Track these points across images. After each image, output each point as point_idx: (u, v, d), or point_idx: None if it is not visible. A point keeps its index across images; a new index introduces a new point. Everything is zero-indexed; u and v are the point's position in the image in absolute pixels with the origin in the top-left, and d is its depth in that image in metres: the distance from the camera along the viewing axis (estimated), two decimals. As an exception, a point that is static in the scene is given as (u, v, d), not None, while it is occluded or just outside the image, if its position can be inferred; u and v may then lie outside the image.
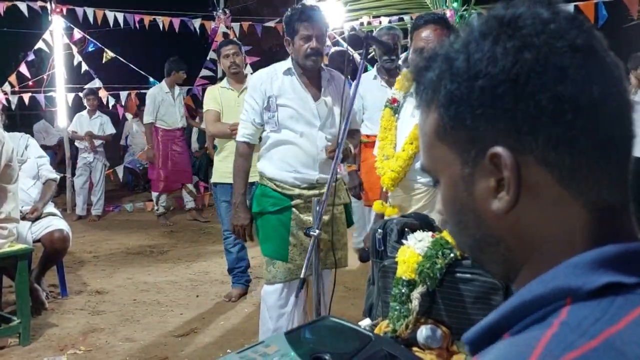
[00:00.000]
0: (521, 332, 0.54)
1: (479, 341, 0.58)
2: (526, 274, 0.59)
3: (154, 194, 6.78)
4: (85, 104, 7.28)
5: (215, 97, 4.28)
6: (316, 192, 2.78)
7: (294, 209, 2.80)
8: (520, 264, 0.60)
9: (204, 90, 5.43)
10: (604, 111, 0.56)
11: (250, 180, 3.07)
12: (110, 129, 7.47)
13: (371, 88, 4.22)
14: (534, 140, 0.55)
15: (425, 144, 0.65)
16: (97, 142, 7.25)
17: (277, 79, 2.84)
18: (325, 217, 2.71)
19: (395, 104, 2.62)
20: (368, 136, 4.09)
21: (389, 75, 4.21)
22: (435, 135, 0.62)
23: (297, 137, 2.80)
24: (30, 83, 7.72)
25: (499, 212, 0.58)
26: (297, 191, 2.81)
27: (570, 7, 4.57)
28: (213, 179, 4.44)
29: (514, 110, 0.56)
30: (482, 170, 0.59)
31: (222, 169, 4.27)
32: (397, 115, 2.61)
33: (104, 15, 7.24)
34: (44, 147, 6.09)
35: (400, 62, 4.22)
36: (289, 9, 2.89)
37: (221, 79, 4.93)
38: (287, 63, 2.87)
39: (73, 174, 7.47)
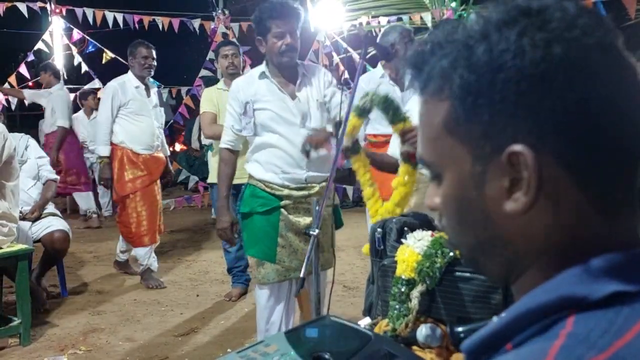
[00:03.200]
0: (525, 343, 0.52)
1: (479, 351, 0.55)
2: (530, 279, 0.57)
3: None
4: (81, 104, 7.27)
5: (212, 98, 4.28)
6: (305, 193, 2.78)
7: (282, 210, 2.79)
8: (524, 267, 0.57)
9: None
10: (627, 114, 0.53)
11: (239, 182, 3.12)
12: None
13: (378, 86, 4.21)
14: (557, 140, 0.52)
15: (428, 136, 0.61)
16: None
17: (253, 84, 2.83)
18: (308, 219, 2.73)
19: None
20: (375, 135, 4.06)
21: (397, 73, 4.18)
22: (443, 127, 0.58)
23: (280, 138, 2.78)
24: (30, 84, 7.71)
25: (513, 213, 0.55)
26: (286, 192, 2.80)
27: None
28: (209, 180, 4.45)
29: (538, 107, 0.52)
30: (496, 169, 0.55)
31: (219, 170, 4.29)
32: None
33: (104, 16, 7.24)
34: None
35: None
36: (257, 8, 2.82)
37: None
38: (262, 67, 2.85)
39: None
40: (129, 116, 4.51)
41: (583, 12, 0.54)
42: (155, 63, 4.61)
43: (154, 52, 4.57)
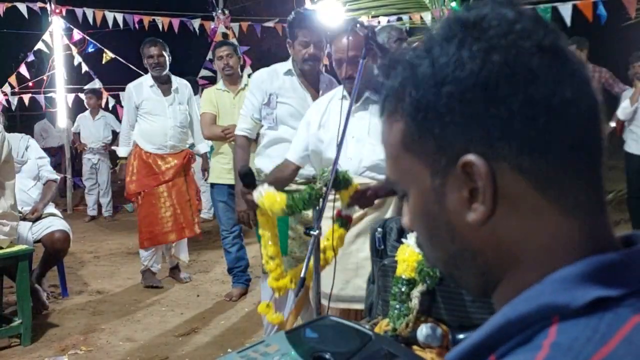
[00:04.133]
0: (508, 354, 0.51)
1: None
2: (507, 288, 0.56)
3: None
4: (86, 104, 7.28)
5: (211, 99, 4.28)
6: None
7: None
8: (499, 277, 0.57)
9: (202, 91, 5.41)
10: (576, 113, 0.53)
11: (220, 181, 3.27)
12: (119, 126, 7.43)
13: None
14: (507, 146, 0.52)
15: (390, 156, 0.61)
16: (98, 145, 7.23)
17: (277, 79, 2.98)
18: (309, 213, 2.70)
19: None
20: None
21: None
22: (401, 145, 0.59)
23: (294, 134, 2.83)
24: (30, 84, 7.71)
25: (474, 223, 0.55)
26: (294, 186, 2.83)
27: (569, 7, 4.57)
28: (210, 180, 4.45)
29: (484, 115, 0.53)
30: (453, 181, 0.55)
31: (219, 170, 4.28)
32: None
33: (104, 16, 7.23)
34: (46, 149, 6.07)
35: None
36: (292, 13, 3.00)
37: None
38: (288, 64, 2.99)
39: (73, 175, 7.48)
40: (144, 116, 4.52)
41: (521, 17, 0.55)
42: (163, 59, 4.48)
43: (160, 49, 4.47)
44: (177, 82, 4.64)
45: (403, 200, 0.64)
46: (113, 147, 4.93)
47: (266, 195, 2.12)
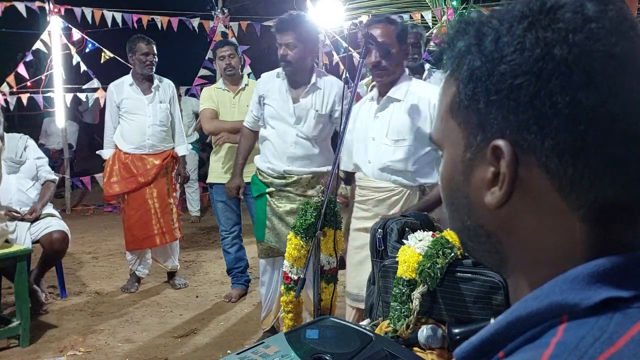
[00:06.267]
0: (516, 351, 0.51)
1: (472, 358, 0.55)
2: (520, 280, 0.57)
3: None
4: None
5: (212, 96, 4.29)
6: (284, 181, 3.19)
7: (267, 196, 3.22)
8: (512, 264, 0.58)
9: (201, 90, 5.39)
10: (622, 130, 0.51)
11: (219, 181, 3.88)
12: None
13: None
14: (540, 143, 0.52)
15: (439, 114, 0.63)
16: None
17: (271, 81, 3.26)
18: (294, 205, 3.12)
19: None
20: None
21: (413, 72, 4.19)
22: (449, 109, 0.60)
23: (274, 133, 3.21)
24: (28, 84, 7.69)
25: (489, 206, 0.56)
26: (269, 179, 3.22)
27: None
28: (209, 180, 4.43)
29: (528, 105, 0.52)
30: (482, 159, 0.56)
31: (218, 170, 4.27)
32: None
33: (102, 15, 7.22)
34: (46, 150, 6.05)
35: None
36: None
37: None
38: (280, 68, 3.24)
39: (71, 175, 7.46)
40: (123, 116, 4.45)
41: (601, 15, 0.52)
42: (156, 59, 4.45)
43: (154, 48, 4.42)
44: (159, 80, 4.55)
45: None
46: (97, 152, 4.83)
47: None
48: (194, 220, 7.02)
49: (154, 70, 4.48)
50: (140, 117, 4.43)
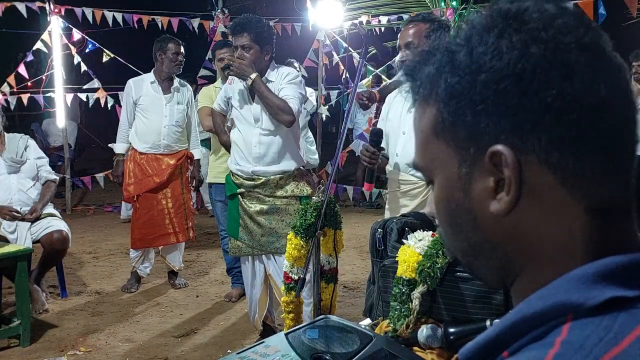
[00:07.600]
0: (521, 350, 0.51)
1: (476, 358, 0.55)
2: (525, 283, 0.57)
3: None
4: None
5: (211, 95, 4.29)
6: (252, 183, 3.23)
7: (239, 197, 3.29)
8: (517, 271, 0.58)
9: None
10: (610, 112, 0.53)
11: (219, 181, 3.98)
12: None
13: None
14: (537, 140, 0.53)
15: (420, 141, 0.63)
16: None
17: (236, 83, 3.29)
18: (264, 206, 3.20)
19: None
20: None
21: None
22: (432, 131, 0.60)
23: (239, 134, 3.27)
24: (29, 84, 7.69)
25: (497, 213, 0.55)
26: (240, 181, 3.28)
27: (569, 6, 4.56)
28: (208, 179, 4.42)
29: (517, 106, 0.53)
30: (480, 170, 0.56)
31: (217, 169, 4.27)
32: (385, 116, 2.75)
33: (103, 16, 7.22)
34: (46, 150, 6.04)
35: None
36: None
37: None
38: None
39: (71, 175, 7.47)
40: (140, 113, 4.45)
41: (563, 12, 0.55)
42: (184, 59, 4.50)
43: (182, 49, 4.47)
44: (181, 84, 4.58)
45: (430, 188, 0.65)
46: (110, 145, 4.82)
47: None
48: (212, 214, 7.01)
49: (181, 70, 4.52)
50: (156, 116, 4.44)
